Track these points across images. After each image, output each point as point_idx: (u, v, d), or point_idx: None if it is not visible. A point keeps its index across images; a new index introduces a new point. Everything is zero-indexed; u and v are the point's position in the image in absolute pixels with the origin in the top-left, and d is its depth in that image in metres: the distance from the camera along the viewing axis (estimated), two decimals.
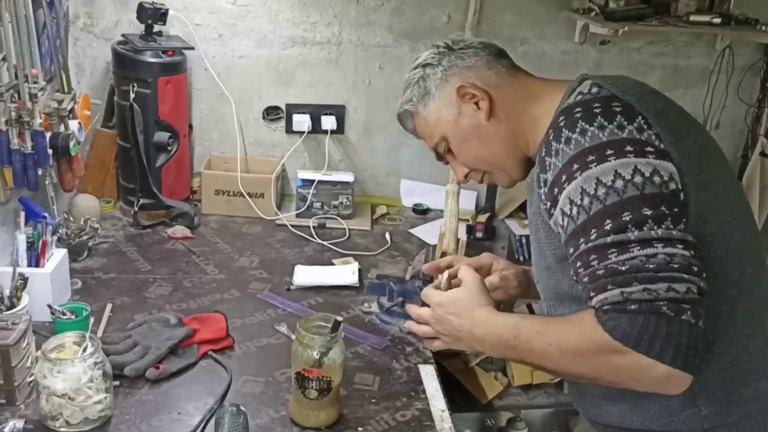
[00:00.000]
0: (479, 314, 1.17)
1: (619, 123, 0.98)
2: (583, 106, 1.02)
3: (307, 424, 1.29)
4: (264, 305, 1.71)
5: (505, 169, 1.23)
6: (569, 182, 1.00)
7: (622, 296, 0.91)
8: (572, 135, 1.00)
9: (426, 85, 1.23)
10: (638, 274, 0.91)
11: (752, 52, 2.45)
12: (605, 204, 0.96)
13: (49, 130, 1.71)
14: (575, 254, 0.99)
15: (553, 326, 1.03)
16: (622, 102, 1.01)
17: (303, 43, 2.28)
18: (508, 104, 1.18)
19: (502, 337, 1.10)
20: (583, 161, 0.98)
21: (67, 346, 1.29)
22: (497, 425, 2.02)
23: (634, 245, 0.92)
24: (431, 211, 2.39)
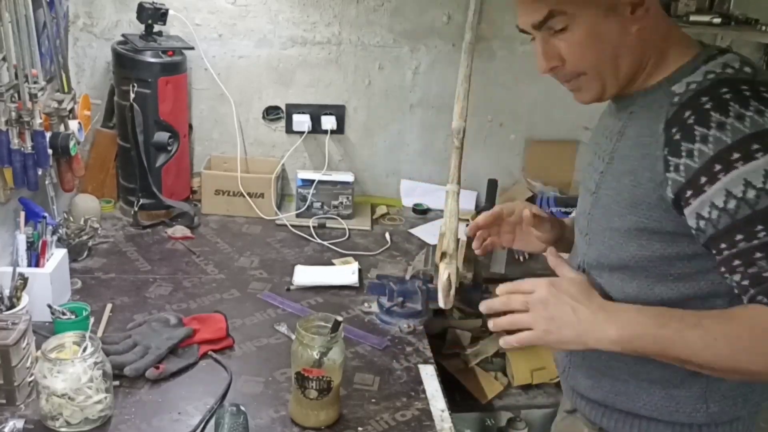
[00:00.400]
0: (601, 300, 1.04)
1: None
2: (731, 87, 0.93)
3: (307, 424, 1.29)
4: (264, 305, 1.71)
5: (609, 85, 1.08)
6: (726, 172, 0.91)
7: None
8: (727, 119, 0.91)
9: None
10: None
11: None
12: (755, 209, 0.90)
13: (49, 130, 1.71)
14: (729, 254, 0.93)
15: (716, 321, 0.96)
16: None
17: (303, 43, 2.28)
18: (653, 28, 1.04)
19: (642, 324, 0.97)
20: (746, 149, 0.90)
21: (67, 346, 1.29)
22: (497, 425, 2.02)
23: None
24: (431, 211, 2.39)
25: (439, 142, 2.42)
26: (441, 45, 2.32)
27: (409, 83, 2.36)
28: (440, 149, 2.41)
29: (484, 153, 2.42)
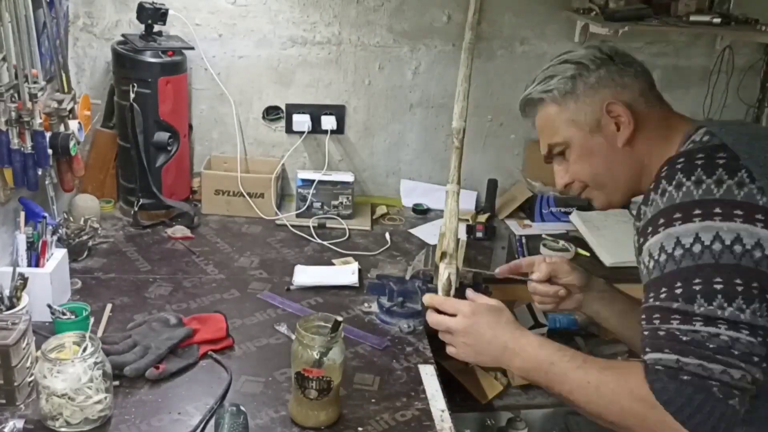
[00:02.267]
0: (517, 330, 1.16)
1: (718, 177, 0.96)
2: (686, 157, 1.00)
3: (307, 424, 1.29)
4: (264, 305, 1.71)
5: (613, 194, 1.21)
6: (653, 235, 0.99)
7: (677, 364, 0.91)
8: (668, 187, 0.99)
9: (575, 84, 1.18)
10: (697, 349, 0.91)
11: (752, 52, 2.45)
12: (679, 266, 0.95)
13: (49, 130, 1.71)
14: (643, 306, 0.99)
15: (596, 366, 1.03)
16: (729, 153, 0.98)
17: (303, 43, 2.28)
18: (647, 137, 1.15)
19: (538, 360, 1.09)
20: (669, 217, 0.97)
21: (67, 346, 1.28)
22: (497, 425, 2.02)
23: (698, 320, 0.92)
24: (431, 211, 2.39)
25: (439, 142, 2.42)
26: (441, 45, 2.32)
27: (409, 83, 2.36)
28: (440, 149, 2.41)
29: (484, 153, 2.42)
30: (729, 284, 0.92)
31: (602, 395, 0.99)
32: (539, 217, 2.35)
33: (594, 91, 1.16)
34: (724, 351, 0.90)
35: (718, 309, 0.91)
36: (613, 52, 1.20)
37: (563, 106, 1.19)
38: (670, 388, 0.90)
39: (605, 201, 1.24)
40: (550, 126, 1.22)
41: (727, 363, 0.89)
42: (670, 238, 0.96)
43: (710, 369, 0.89)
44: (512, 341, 1.15)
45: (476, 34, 1.95)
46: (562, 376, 1.05)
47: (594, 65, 1.18)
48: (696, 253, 0.94)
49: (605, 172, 1.19)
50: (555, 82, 1.19)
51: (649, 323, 0.96)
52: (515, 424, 1.98)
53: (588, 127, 1.17)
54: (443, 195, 1.84)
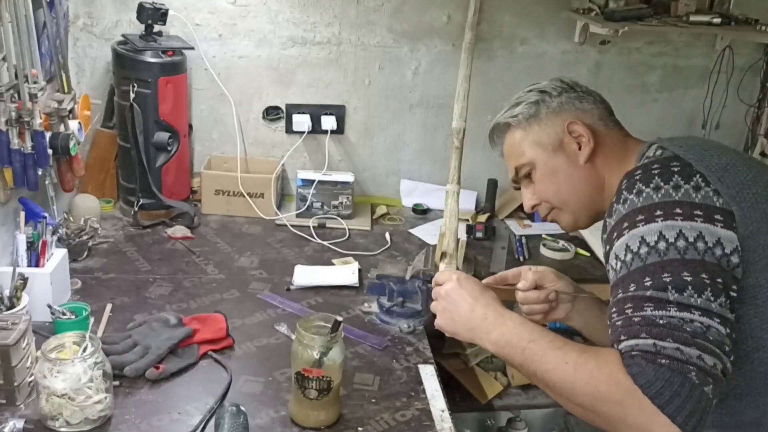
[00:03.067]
0: (500, 306, 1.17)
1: (675, 183, 1.01)
2: (643, 168, 1.06)
3: (307, 424, 1.29)
4: (264, 305, 1.71)
5: (577, 212, 1.26)
6: (618, 239, 1.02)
7: (654, 348, 0.91)
8: (629, 196, 1.03)
9: (538, 108, 1.25)
10: (674, 332, 0.91)
11: (752, 52, 2.45)
12: (645, 263, 0.97)
13: (49, 130, 1.71)
14: (611, 302, 1.01)
15: (576, 348, 1.02)
16: (682, 161, 1.03)
17: (303, 43, 2.28)
18: (606, 156, 1.22)
19: (518, 335, 1.08)
20: (633, 220, 1.01)
21: (67, 346, 1.29)
22: (497, 425, 2.02)
23: (671, 306, 0.93)
24: (431, 211, 2.39)
25: (439, 142, 2.42)
26: (441, 45, 2.32)
27: (409, 83, 2.36)
28: (440, 149, 2.41)
29: (484, 153, 2.41)
30: (696, 277, 0.94)
31: (579, 376, 0.98)
32: (539, 217, 2.33)
33: (556, 114, 1.24)
34: (700, 335, 0.91)
35: (690, 297, 0.93)
36: (574, 83, 1.29)
37: (528, 130, 1.26)
38: (649, 372, 0.90)
39: (571, 221, 1.28)
40: (516, 149, 1.29)
41: (702, 347, 0.90)
42: (635, 238, 0.99)
43: (687, 353, 0.90)
44: (493, 314, 1.15)
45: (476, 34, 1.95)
46: (540, 354, 1.04)
47: (556, 92, 1.26)
48: (661, 249, 0.96)
49: (568, 189, 1.24)
50: (520, 108, 1.27)
51: (621, 314, 0.97)
52: (515, 424, 1.99)
53: (551, 147, 1.24)
54: (443, 195, 1.85)
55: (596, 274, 2.04)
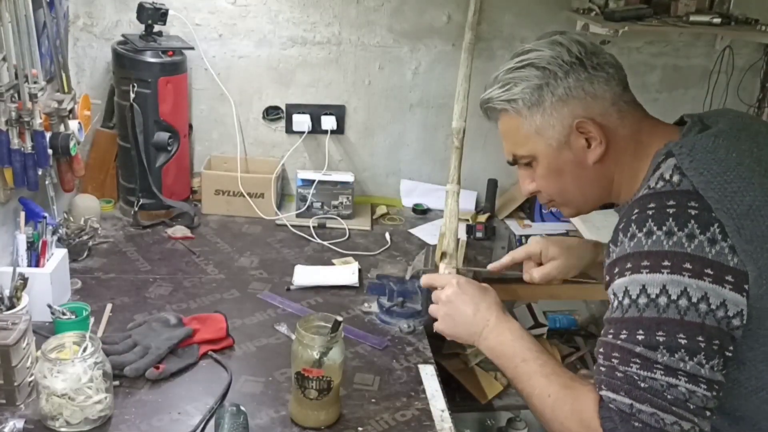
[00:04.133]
0: (501, 313, 1.18)
1: (690, 231, 0.93)
2: (657, 203, 0.96)
3: (307, 424, 1.29)
4: (264, 305, 1.71)
5: (581, 206, 1.19)
6: (619, 276, 0.98)
7: (630, 409, 0.92)
8: (638, 233, 0.96)
9: (542, 94, 1.08)
10: (654, 398, 0.91)
11: (752, 52, 2.45)
12: (642, 314, 0.94)
13: (49, 130, 1.71)
14: (601, 339, 1.00)
15: (560, 382, 1.03)
16: (701, 202, 0.94)
17: (303, 43, 2.28)
18: (617, 153, 1.10)
19: (512, 352, 1.12)
20: (637, 263, 0.95)
21: (67, 346, 1.29)
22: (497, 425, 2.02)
23: (658, 368, 0.92)
24: (431, 211, 2.39)
25: (439, 142, 2.42)
26: (441, 45, 2.32)
27: (409, 83, 2.36)
28: (440, 149, 2.41)
29: (484, 153, 2.42)
30: (692, 341, 0.91)
31: (556, 413, 1.01)
32: (539, 217, 2.35)
33: (563, 103, 1.08)
34: (680, 403, 0.91)
35: (680, 361, 0.91)
36: (583, 52, 1.09)
37: (530, 118, 1.10)
38: (620, 431, 0.92)
39: (574, 212, 1.23)
40: (515, 135, 1.15)
41: (680, 415, 0.90)
42: (636, 284, 0.95)
43: (662, 419, 0.90)
44: (494, 321, 1.17)
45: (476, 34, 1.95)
46: (527, 377, 1.07)
47: (562, 71, 1.07)
48: (661, 305, 0.93)
49: (574, 189, 1.15)
50: (519, 92, 1.10)
51: (607, 360, 0.97)
52: (515, 424, 1.99)
53: (556, 142, 1.10)
54: (443, 195, 1.85)
55: None
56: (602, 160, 1.10)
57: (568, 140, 1.09)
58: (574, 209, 1.21)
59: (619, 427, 0.91)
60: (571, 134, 1.09)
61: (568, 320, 2.19)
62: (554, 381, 1.04)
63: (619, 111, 1.10)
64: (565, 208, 1.22)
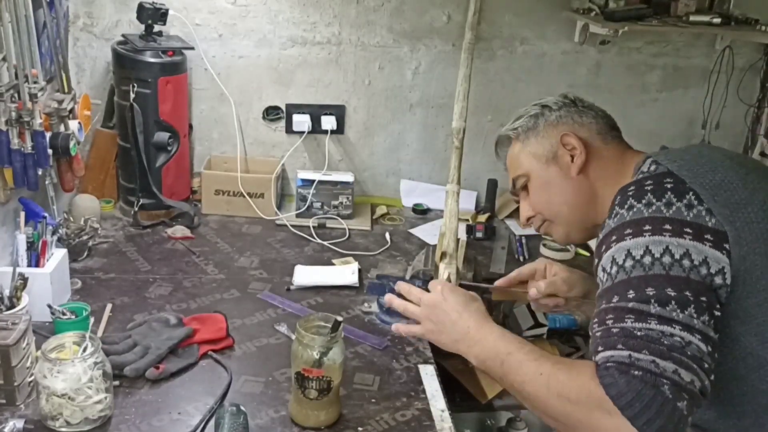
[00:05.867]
0: (483, 319, 1.19)
1: (667, 200, 1.00)
2: (636, 184, 1.06)
3: (307, 424, 1.29)
4: (264, 305, 1.71)
5: (569, 224, 1.28)
6: (606, 251, 1.02)
7: (629, 359, 0.91)
8: (620, 210, 1.04)
9: (537, 122, 1.29)
10: (651, 344, 0.91)
11: (752, 52, 2.45)
12: (630, 275, 0.97)
13: (49, 130, 1.71)
14: (594, 314, 1.00)
15: (551, 360, 1.04)
16: (675, 177, 1.02)
17: (303, 43, 2.28)
18: (601, 169, 1.23)
19: (496, 349, 1.11)
20: (621, 233, 1.01)
21: (67, 346, 1.28)
22: (497, 425, 2.02)
23: (652, 318, 0.92)
24: (431, 211, 2.39)
25: (439, 142, 2.42)
26: (441, 45, 2.32)
27: (409, 83, 2.36)
28: (440, 149, 2.41)
29: (484, 153, 2.41)
30: (680, 294, 0.93)
31: (552, 387, 0.99)
32: None
33: (553, 127, 1.27)
34: (678, 350, 0.90)
35: (672, 312, 0.92)
36: (577, 99, 1.31)
37: (526, 141, 1.30)
38: (621, 383, 0.89)
39: (563, 233, 1.30)
40: (515, 161, 1.32)
41: (679, 362, 0.89)
42: (621, 251, 0.99)
43: (662, 366, 0.89)
44: (475, 328, 1.17)
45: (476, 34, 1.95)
46: (517, 366, 1.06)
47: (556, 106, 1.29)
48: (646, 264, 0.96)
49: (559, 200, 1.26)
50: (520, 122, 1.31)
51: (602, 324, 0.97)
52: (515, 424, 1.98)
53: (545, 158, 1.27)
54: (443, 195, 1.85)
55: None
56: (585, 172, 1.23)
57: (556, 156, 1.25)
58: (562, 227, 1.29)
59: (619, 381, 0.89)
60: (558, 150, 1.25)
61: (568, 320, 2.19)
62: (544, 362, 1.03)
63: (603, 139, 1.26)
64: (554, 226, 1.30)
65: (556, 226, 1.30)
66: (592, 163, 1.23)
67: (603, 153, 1.24)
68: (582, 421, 0.94)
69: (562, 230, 1.29)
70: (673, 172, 1.04)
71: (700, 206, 0.98)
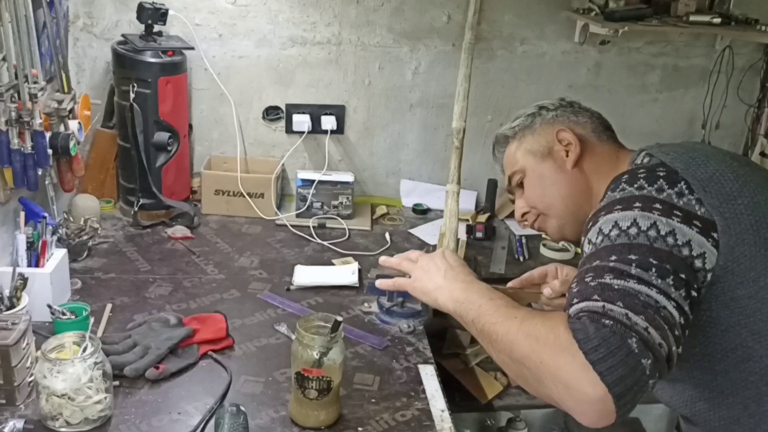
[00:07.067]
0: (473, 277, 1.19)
1: (659, 186, 1.02)
2: (630, 173, 1.07)
3: (307, 424, 1.29)
4: (264, 305, 1.71)
5: (562, 219, 1.28)
6: (593, 225, 1.03)
7: (602, 309, 0.90)
8: (611, 193, 1.05)
9: (534, 120, 1.31)
10: (626, 298, 0.90)
11: (752, 52, 2.45)
12: (614, 243, 0.98)
13: (49, 130, 1.71)
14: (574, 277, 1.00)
15: (528, 309, 1.05)
16: (668, 168, 1.05)
17: (303, 43, 2.28)
18: (596, 164, 1.24)
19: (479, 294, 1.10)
20: (610, 208, 1.02)
21: (67, 346, 1.29)
22: (497, 425, 2.02)
23: (632, 279, 0.93)
24: (431, 211, 2.39)
25: (439, 142, 2.42)
26: (441, 45, 2.32)
27: (409, 83, 2.36)
28: (440, 149, 2.41)
29: (484, 153, 2.41)
30: (661, 264, 0.94)
31: (522, 328, 0.97)
32: None
33: (549, 125, 1.29)
34: (652, 308, 0.90)
35: (651, 276, 0.93)
36: (575, 102, 1.33)
37: (523, 139, 1.32)
38: (590, 329, 0.88)
39: (556, 227, 1.30)
40: (511, 159, 1.34)
41: (651, 319, 0.88)
42: (608, 222, 1.00)
43: (634, 320, 0.88)
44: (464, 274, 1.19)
45: (476, 34, 1.95)
46: (493, 310, 1.05)
47: (553, 107, 1.32)
48: (632, 234, 0.97)
49: (553, 193, 1.27)
50: (519, 121, 1.34)
51: (580, 282, 0.96)
52: (515, 424, 1.98)
53: (540, 154, 1.28)
54: (443, 195, 1.85)
55: None
56: (579, 166, 1.24)
57: (551, 151, 1.27)
58: (556, 220, 1.29)
59: (588, 327, 0.88)
60: (554, 145, 1.26)
61: None
62: (521, 309, 1.03)
63: (599, 137, 1.28)
64: (548, 220, 1.30)
65: (549, 219, 1.30)
66: (587, 157, 1.24)
67: (597, 149, 1.26)
68: (544, 362, 0.92)
69: (556, 224, 1.29)
70: (665, 162, 1.06)
71: (691, 195, 1.00)
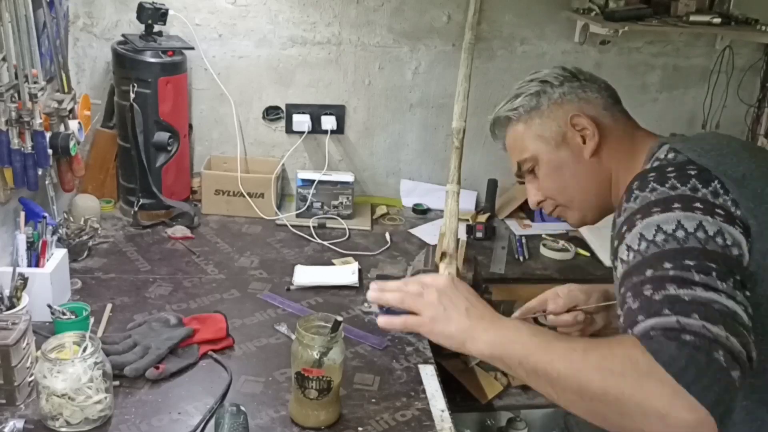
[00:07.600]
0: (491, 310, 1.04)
1: (693, 185, 0.95)
2: (657, 171, 1.00)
3: (307, 424, 1.29)
4: (264, 305, 1.71)
5: (584, 208, 1.22)
6: (630, 230, 0.95)
7: (678, 324, 0.80)
8: (642, 193, 0.97)
9: (539, 100, 1.21)
10: (700, 307, 0.82)
11: (752, 52, 2.45)
12: (663, 249, 0.89)
13: (49, 130, 1.71)
14: (624, 288, 0.91)
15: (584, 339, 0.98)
16: (698, 166, 0.98)
17: (303, 43, 2.28)
18: (613, 149, 1.17)
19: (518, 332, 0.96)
20: (647, 211, 0.94)
21: (67, 346, 1.28)
22: (497, 425, 2.02)
23: (697, 286, 0.84)
24: (431, 211, 2.39)
25: (439, 142, 2.42)
26: (441, 45, 2.32)
27: (409, 83, 2.36)
28: (440, 149, 2.41)
29: (484, 153, 2.42)
30: (719, 267, 0.87)
31: (589, 360, 0.85)
32: (539, 217, 2.35)
33: (558, 106, 1.19)
34: (727, 316, 0.81)
35: (716, 281, 0.85)
36: (577, 71, 1.23)
37: (529, 123, 1.22)
38: (671, 348, 0.78)
39: (578, 217, 1.24)
40: (519, 143, 1.24)
41: (731, 328, 0.80)
42: (650, 227, 0.92)
43: (714, 332, 0.79)
44: (490, 315, 1.01)
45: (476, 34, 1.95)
46: (544, 345, 0.91)
47: (557, 81, 1.21)
48: (680, 237, 0.89)
49: (573, 185, 1.20)
50: (520, 100, 1.23)
51: (639, 296, 0.87)
52: (515, 424, 1.98)
53: (554, 141, 1.20)
54: (443, 195, 1.85)
55: (596, 274, 2.04)
56: (598, 154, 1.17)
57: (565, 138, 1.18)
58: (577, 211, 1.23)
59: (668, 346, 0.79)
60: (568, 132, 1.18)
61: None
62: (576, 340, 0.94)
63: (612, 116, 1.19)
64: (568, 211, 1.24)
65: (571, 211, 1.23)
66: (604, 143, 1.16)
67: (613, 132, 1.18)
68: (628, 394, 0.80)
69: (579, 215, 1.23)
70: (693, 160, 0.98)
71: (726, 196, 0.93)
